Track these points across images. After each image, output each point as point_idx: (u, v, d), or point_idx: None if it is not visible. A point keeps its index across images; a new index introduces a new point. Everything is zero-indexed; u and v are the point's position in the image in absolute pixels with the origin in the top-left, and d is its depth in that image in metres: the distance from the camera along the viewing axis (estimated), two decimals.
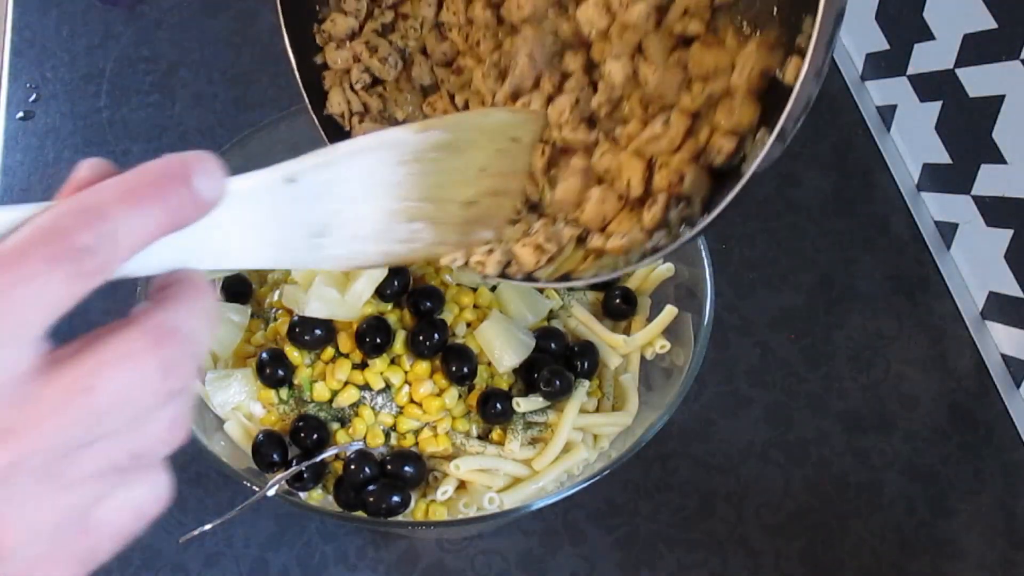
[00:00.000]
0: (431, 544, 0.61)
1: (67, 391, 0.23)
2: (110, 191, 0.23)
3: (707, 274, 0.54)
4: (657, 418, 0.50)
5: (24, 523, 0.24)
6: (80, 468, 0.24)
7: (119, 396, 0.24)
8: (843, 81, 0.85)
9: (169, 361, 0.24)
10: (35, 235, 0.22)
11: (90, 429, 0.24)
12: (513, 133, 0.36)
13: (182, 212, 0.24)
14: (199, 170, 0.24)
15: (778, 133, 0.32)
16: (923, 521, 0.62)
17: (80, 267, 0.22)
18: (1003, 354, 0.69)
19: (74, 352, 0.24)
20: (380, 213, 0.32)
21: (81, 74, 0.87)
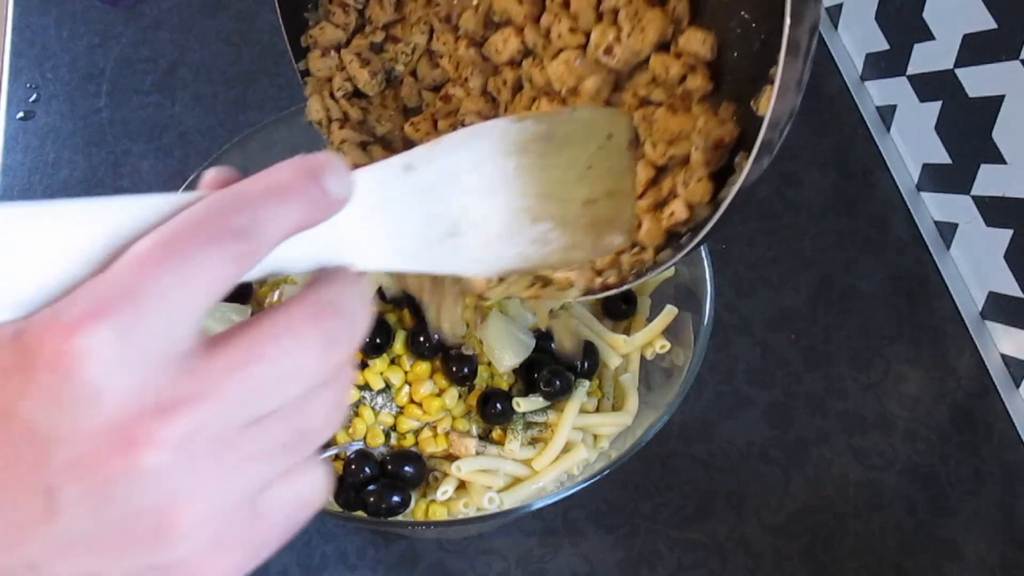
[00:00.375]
0: (431, 544, 0.61)
1: (238, 362, 0.24)
2: (252, 185, 0.25)
3: (707, 274, 0.54)
4: (657, 418, 0.50)
5: (198, 502, 0.24)
6: (250, 445, 0.24)
7: (287, 367, 0.24)
8: (843, 81, 0.85)
9: (331, 335, 0.25)
10: (195, 219, 0.23)
11: (261, 401, 0.24)
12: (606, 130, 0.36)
13: (316, 207, 0.25)
14: (328, 169, 0.25)
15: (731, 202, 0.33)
16: (923, 521, 0.63)
17: (237, 248, 0.23)
18: (1003, 354, 0.69)
19: (235, 331, 0.24)
20: (505, 211, 0.32)
21: (81, 74, 0.87)
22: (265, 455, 0.25)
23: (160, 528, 0.23)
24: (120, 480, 0.23)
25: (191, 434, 0.23)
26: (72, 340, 0.22)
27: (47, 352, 0.22)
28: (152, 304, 0.22)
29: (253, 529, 0.25)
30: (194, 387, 0.23)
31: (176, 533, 0.24)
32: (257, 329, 0.24)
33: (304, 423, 0.26)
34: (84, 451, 0.22)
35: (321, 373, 0.25)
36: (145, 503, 0.23)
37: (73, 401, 0.22)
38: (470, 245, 0.32)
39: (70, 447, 0.22)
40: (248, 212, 0.24)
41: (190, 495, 0.23)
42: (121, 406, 0.22)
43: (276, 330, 0.24)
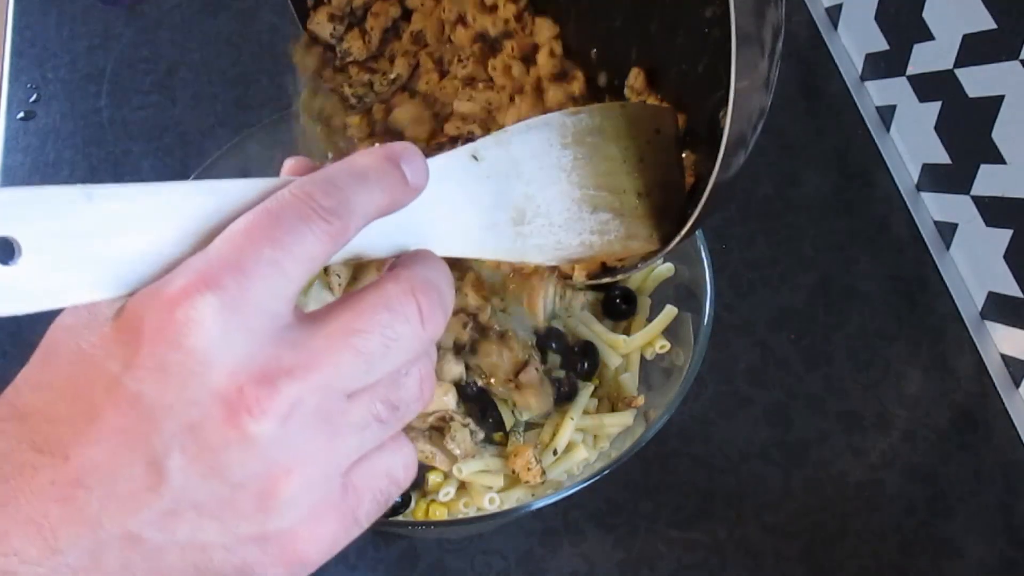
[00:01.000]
0: (431, 544, 0.61)
1: (339, 335, 0.24)
2: (338, 170, 0.26)
3: (707, 274, 0.54)
4: (657, 418, 0.50)
5: (299, 472, 0.24)
6: (348, 417, 0.25)
7: (386, 340, 0.25)
8: (842, 81, 0.85)
9: (426, 309, 0.26)
10: (290, 200, 0.24)
11: (360, 374, 0.25)
12: (654, 124, 0.37)
13: (397, 193, 0.26)
14: (407, 157, 0.27)
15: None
16: (923, 521, 0.63)
17: (329, 228, 0.24)
18: (1003, 354, 0.69)
19: (333, 307, 0.25)
20: (567, 200, 0.34)
21: (82, 74, 0.87)
22: (361, 428, 0.26)
23: (263, 497, 0.24)
24: (227, 448, 0.23)
25: (295, 404, 0.23)
26: (178, 311, 0.22)
27: (152, 324, 0.23)
28: (255, 277, 0.23)
29: (347, 504, 0.26)
30: (298, 358, 0.24)
31: (278, 503, 0.24)
32: (355, 304, 0.25)
33: (398, 396, 0.26)
34: (192, 420, 0.23)
35: (415, 348, 0.26)
36: (249, 472, 0.23)
37: (180, 371, 0.23)
38: (534, 233, 0.33)
39: (177, 417, 0.23)
40: (337, 195, 0.25)
41: (292, 465, 0.24)
42: (228, 375, 0.23)
43: (374, 306, 0.25)
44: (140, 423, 0.23)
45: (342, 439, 0.25)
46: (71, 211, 0.22)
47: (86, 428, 0.23)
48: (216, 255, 0.23)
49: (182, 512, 0.23)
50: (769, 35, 0.29)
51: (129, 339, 0.23)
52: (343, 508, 0.26)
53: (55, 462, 0.23)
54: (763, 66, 0.29)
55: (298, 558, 0.25)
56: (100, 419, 0.23)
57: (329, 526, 0.26)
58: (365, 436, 0.26)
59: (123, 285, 0.24)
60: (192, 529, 0.24)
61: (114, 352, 0.23)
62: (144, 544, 0.23)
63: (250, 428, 0.23)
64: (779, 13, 0.30)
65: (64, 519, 0.23)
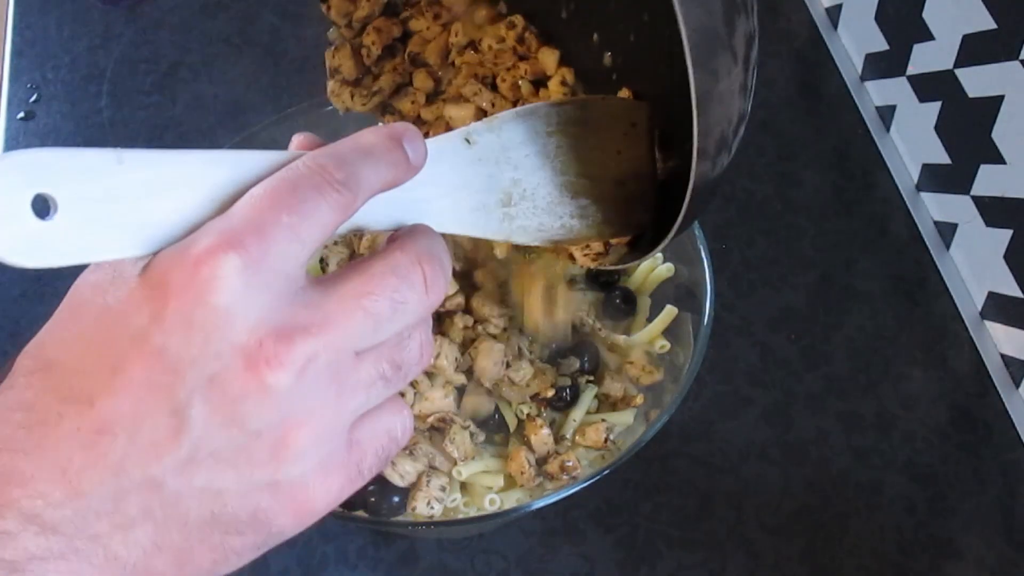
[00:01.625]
0: (431, 544, 0.61)
1: (352, 296, 0.26)
2: (347, 146, 0.27)
3: (707, 274, 0.54)
4: (657, 418, 0.50)
5: (311, 424, 0.26)
6: (356, 374, 0.27)
7: (393, 303, 0.27)
8: (842, 81, 0.85)
9: (430, 276, 0.28)
10: (304, 171, 0.26)
11: (370, 333, 0.27)
12: (630, 118, 0.39)
13: (400, 169, 0.28)
14: (408, 137, 0.28)
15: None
16: (923, 521, 0.63)
17: (339, 197, 0.26)
18: (1002, 354, 0.69)
19: (344, 272, 0.27)
20: (550, 185, 0.37)
21: (82, 74, 0.87)
22: (367, 385, 0.27)
23: (278, 447, 0.26)
24: (247, 399, 0.25)
25: (310, 359, 0.25)
26: (204, 269, 0.24)
27: (179, 280, 0.24)
28: (274, 240, 0.25)
29: (352, 458, 0.28)
30: (313, 317, 0.25)
31: (291, 452, 0.26)
32: (365, 270, 0.27)
33: (401, 357, 0.28)
34: (214, 371, 0.24)
35: (418, 312, 0.28)
36: (266, 422, 0.25)
37: (204, 325, 0.24)
38: (520, 215, 0.36)
39: (201, 368, 0.24)
40: (347, 168, 0.26)
41: (305, 417, 0.26)
42: (249, 330, 0.24)
43: (383, 272, 0.27)
44: (165, 374, 0.24)
45: (350, 395, 0.27)
46: (103, 173, 0.24)
47: (112, 379, 0.24)
48: (238, 218, 0.25)
49: (201, 459, 0.25)
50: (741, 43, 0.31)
51: (155, 295, 0.24)
52: (348, 462, 0.28)
53: (81, 410, 0.24)
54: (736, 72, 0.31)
55: (307, 506, 0.27)
56: (126, 370, 0.24)
57: (336, 478, 0.27)
58: (371, 393, 0.28)
59: (149, 244, 0.25)
60: (210, 476, 0.25)
61: (141, 307, 0.24)
62: (164, 490, 0.25)
63: (268, 379, 0.24)
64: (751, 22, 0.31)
65: (88, 464, 0.24)
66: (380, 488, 0.51)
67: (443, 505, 0.51)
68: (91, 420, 0.24)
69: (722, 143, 0.32)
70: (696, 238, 0.55)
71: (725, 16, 0.30)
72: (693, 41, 0.28)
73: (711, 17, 0.29)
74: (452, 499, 0.52)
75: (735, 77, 0.31)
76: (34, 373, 0.25)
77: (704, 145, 0.31)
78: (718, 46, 0.30)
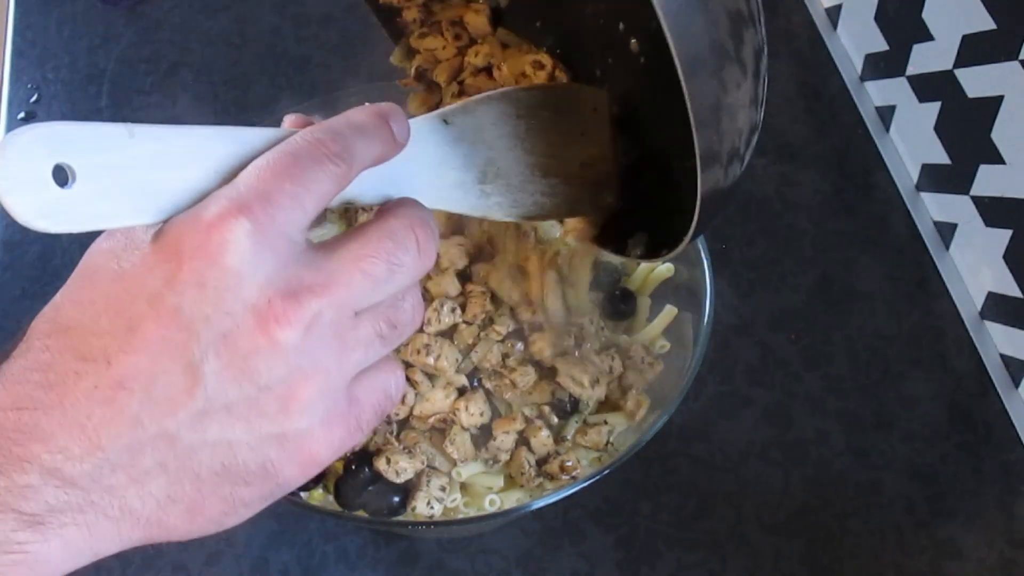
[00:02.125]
0: (431, 544, 0.61)
1: (351, 259, 0.28)
2: (340, 122, 0.29)
3: (707, 274, 0.54)
4: (657, 418, 0.50)
5: (316, 379, 0.27)
6: (357, 332, 0.28)
7: (390, 265, 0.29)
8: (842, 82, 0.85)
9: (423, 241, 0.30)
10: (302, 144, 0.28)
11: (368, 292, 0.28)
12: (592, 104, 0.42)
13: (386, 145, 0.30)
14: (393, 115, 0.30)
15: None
16: (922, 521, 0.63)
17: (336, 168, 0.28)
18: (1002, 354, 0.69)
19: (343, 238, 0.29)
20: (522, 164, 0.39)
21: (82, 74, 0.87)
22: (365, 343, 0.29)
23: (286, 400, 0.27)
24: (257, 354, 0.26)
25: (316, 316, 0.27)
26: (216, 233, 0.25)
27: (192, 244, 0.26)
28: (279, 207, 0.26)
29: (352, 412, 0.30)
30: (317, 278, 0.27)
31: (299, 406, 0.27)
32: (363, 235, 0.29)
33: (396, 317, 0.30)
34: (227, 328, 0.26)
35: (412, 274, 0.30)
36: (275, 376, 0.27)
37: (217, 285, 0.26)
38: (495, 192, 0.38)
39: (214, 326, 0.26)
40: (342, 142, 0.28)
41: (311, 372, 0.27)
42: (259, 290, 0.26)
43: (380, 236, 0.29)
44: (180, 332, 0.25)
45: (351, 351, 0.28)
46: (117, 145, 0.26)
47: (128, 338, 0.25)
48: (245, 187, 0.26)
49: (214, 413, 0.26)
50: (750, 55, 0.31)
51: (169, 258, 0.26)
52: (349, 416, 0.29)
53: (98, 368, 0.25)
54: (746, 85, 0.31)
55: (311, 457, 0.29)
56: (142, 329, 0.25)
57: (338, 431, 0.29)
58: (369, 351, 0.29)
59: (160, 212, 0.27)
60: (222, 428, 0.27)
61: (155, 270, 0.26)
62: (178, 442, 0.26)
63: (277, 335, 0.26)
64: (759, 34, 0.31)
65: (106, 420, 0.25)
66: (380, 488, 0.51)
67: (443, 505, 0.51)
68: (108, 377, 0.25)
69: (733, 154, 0.32)
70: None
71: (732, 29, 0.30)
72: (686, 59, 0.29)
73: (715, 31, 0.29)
74: (452, 499, 0.52)
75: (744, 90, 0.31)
76: (51, 336, 0.26)
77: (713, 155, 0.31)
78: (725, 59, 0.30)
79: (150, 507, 0.27)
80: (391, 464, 0.50)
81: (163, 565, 0.60)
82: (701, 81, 0.29)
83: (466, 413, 0.52)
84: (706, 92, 0.30)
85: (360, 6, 0.51)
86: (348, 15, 0.90)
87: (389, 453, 0.51)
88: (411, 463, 0.51)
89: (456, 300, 0.55)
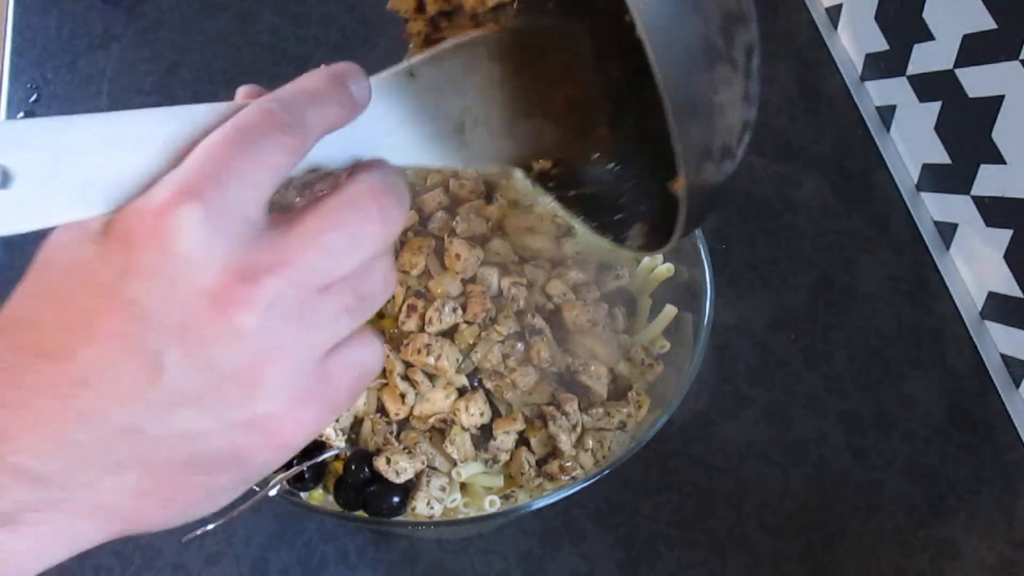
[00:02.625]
0: (431, 544, 0.61)
1: (310, 233, 0.27)
2: (291, 90, 0.28)
3: (707, 274, 0.54)
4: (657, 418, 0.50)
5: (281, 360, 0.27)
6: (323, 307, 0.28)
7: (351, 237, 0.28)
8: (842, 81, 0.85)
9: (385, 209, 0.28)
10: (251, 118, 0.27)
11: (331, 267, 0.27)
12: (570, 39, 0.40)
13: (345, 108, 0.29)
14: (350, 75, 0.29)
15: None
16: (922, 521, 0.63)
17: (287, 139, 0.27)
18: (1002, 354, 0.69)
19: (302, 211, 0.28)
20: (501, 110, 0.37)
21: (82, 74, 0.87)
22: (333, 318, 0.28)
23: (250, 385, 0.26)
24: (217, 340, 0.26)
25: (276, 297, 0.26)
26: (165, 220, 0.25)
27: (142, 233, 0.25)
28: (231, 184, 0.25)
29: (325, 390, 0.28)
30: (274, 256, 0.26)
31: (264, 390, 0.27)
32: (322, 207, 0.28)
33: (364, 288, 0.29)
34: (185, 316, 0.25)
35: (378, 243, 0.28)
36: (237, 361, 0.26)
37: (172, 272, 0.25)
38: (475, 141, 0.36)
39: (171, 314, 0.25)
40: (292, 111, 0.27)
41: (274, 354, 0.27)
42: (214, 275, 0.25)
43: (339, 207, 0.28)
44: (136, 324, 0.25)
45: (317, 329, 0.28)
46: (56, 139, 0.25)
47: (86, 332, 0.25)
48: (193, 169, 0.25)
49: (178, 403, 0.26)
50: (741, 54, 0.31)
51: (120, 249, 0.25)
52: (322, 394, 0.28)
53: (59, 365, 0.25)
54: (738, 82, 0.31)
55: (283, 440, 0.28)
56: (99, 323, 0.25)
57: (310, 411, 0.28)
58: (337, 327, 0.28)
59: (108, 202, 0.26)
60: (188, 418, 0.26)
61: (107, 262, 0.25)
62: (145, 435, 0.26)
63: (236, 320, 0.25)
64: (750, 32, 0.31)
65: (70, 416, 0.25)
66: (380, 488, 0.51)
67: (443, 505, 0.51)
68: (70, 374, 0.25)
69: (725, 151, 0.32)
70: (696, 238, 0.55)
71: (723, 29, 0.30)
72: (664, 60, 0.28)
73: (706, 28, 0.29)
74: (452, 499, 0.52)
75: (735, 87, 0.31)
76: (10, 332, 0.26)
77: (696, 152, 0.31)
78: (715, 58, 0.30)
79: (124, 499, 0.26)
80: (391, 464, 0.50)
81: (163, 565, 0.60)
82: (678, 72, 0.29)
83: (466, 413, 0.52)
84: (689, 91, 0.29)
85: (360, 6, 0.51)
86: (348, 15, 0.90)
87: (389, 453, 0.51)
88: (411, 463, 0.51)
89: (457, 300, 0.55)
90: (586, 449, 0.53)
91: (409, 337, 0.54)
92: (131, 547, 0.61)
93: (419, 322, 0.54)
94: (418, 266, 0.56)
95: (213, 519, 0.50)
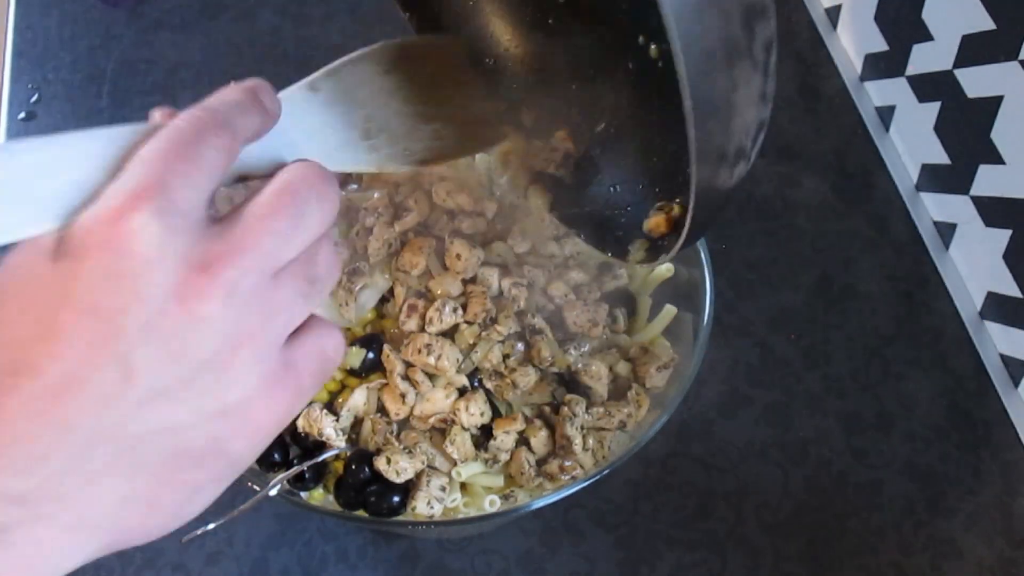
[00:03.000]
0: (431, 544, 0.61)
1: (255, 220, 0.28)
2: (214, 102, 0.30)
3: (707, 274, 0.54)
4: (657, 418, 0.50)
5: (247, 344, 0.28)
6: (279, 291, 0.29)
7: (293, 218, 0.29)
8: (842, 82, 0.85)
9: (322, 193, 0.30)
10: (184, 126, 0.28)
11: (279, 250, 0.29)
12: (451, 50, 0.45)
13: (262, 117, 0.31)
14: (261, 90, 0.32)
15: None
16: (922, 520, 0.63)
17: (221, 142, 0.28)
18: (1001, 354, 0.69)
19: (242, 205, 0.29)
20: (401, 116, 0.40)
21: (83, 75, 0.87)
22: (288, 303, 0.29)
23: (220, 372, 0.28)
24: (184, 333, 0.26)
25: (233, 284, 0.27)
26: (119, 225, 0.26)
27: (98, 240, 0.26)
28: (176, 186, 0.27)
29: (291, 378, 0.30)
30: (226, 246, 0.27)
31: (233, 375, 0.28)
32: (261, 197, 0.29)
33: (313, 272, 0.30)
34: (149, 313, 0.26)
35: (318, 224, 0.30)
36: (206, 349, 0.27)
37: (131, 274, 0.26)
38: (382, 145, 0.39)
39: (135, 315, 0.26)
40: (219, 115, 0.29)
41: (240, 340, 0.28)
42: (172, 271, 0.26)
43: (278, 194, 0.29)
44: (102, 328, 0.26)
45: (275, 314, 0.29)
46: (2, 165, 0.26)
47: (53, 344, 0.25)
48: (138, 176, 0.27)
49: (153, 399, 0.26)
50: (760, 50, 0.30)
51: (77, 258, 0.26)
52: (287, 381, 0.30)
53: (29, 381, 0.25)
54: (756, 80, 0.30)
55: (257, 428, 0.29)
56: (64, 333, 0.25)
57: (279, 398, 0.29)
58: (294, 310, 0.30)
59: (59, 216, 0.27)
60: (163, 413, 0.27)
61: (67, 272, 0.26)
62: (123, 437, 0.26)
63: (199, 310, 0.26)
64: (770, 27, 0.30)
65: (46, 430, 0.25)
66: (380, 488, 0.51)
67: (443, 505, 0.51)
68: (40, 387, 0.25)
69: (739, 153, 0.32)
70: None
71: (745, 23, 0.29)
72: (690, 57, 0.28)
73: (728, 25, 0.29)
74: (452, 499, 0.53)
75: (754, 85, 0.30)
76: None
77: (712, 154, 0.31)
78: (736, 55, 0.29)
79: (106, 510, 0.27)
80: (391, 464, 0.50)
81: (163, 565, 0.61)
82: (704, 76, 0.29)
83: (466, 413, 0.52)
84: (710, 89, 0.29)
85: (360, 6, 0.51)
86: (348, 15, 0.90)
87: (389, 453, 0.51)
88: (411, 463, 0.51)
89: (458, 300, 0.55)
90: (586, 449, 0.53)
91: (409, 337, 0.54)
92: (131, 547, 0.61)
93: (419, 322, 0.54)
94: (419, 266, 0.56)
95: (213, 519, 0.50)
